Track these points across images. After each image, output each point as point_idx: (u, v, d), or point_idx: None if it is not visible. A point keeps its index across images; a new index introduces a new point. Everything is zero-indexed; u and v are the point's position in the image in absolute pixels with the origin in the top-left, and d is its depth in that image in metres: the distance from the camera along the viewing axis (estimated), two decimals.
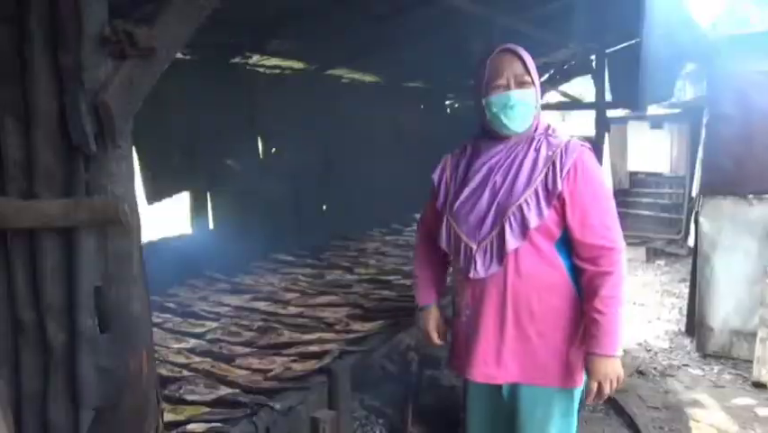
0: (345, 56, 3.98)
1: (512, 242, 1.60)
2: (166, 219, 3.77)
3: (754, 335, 4.06)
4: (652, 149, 7.93)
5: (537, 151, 1.63)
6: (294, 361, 1.94)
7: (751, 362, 3.98)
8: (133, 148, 2.84)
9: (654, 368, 4.16)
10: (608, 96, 4.97)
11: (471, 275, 1.65)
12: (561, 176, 1.57)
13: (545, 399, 1.69)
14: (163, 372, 1.84)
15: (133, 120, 2.84)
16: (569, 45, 4.50)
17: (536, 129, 1.68)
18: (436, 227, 1.79)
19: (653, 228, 7.98)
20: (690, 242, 5.04)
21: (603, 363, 1.58)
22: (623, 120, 7.87)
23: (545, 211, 1.58)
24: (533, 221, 1.58)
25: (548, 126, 1.69)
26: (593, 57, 4.75)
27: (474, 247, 1.65)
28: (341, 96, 4.34)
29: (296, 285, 2.90)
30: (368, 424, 3.19)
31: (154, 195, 2.91)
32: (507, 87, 1.62)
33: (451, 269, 1.87)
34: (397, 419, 3.26)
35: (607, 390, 1.60)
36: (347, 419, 1.93)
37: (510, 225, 1.60)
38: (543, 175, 1.60)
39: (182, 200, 3.19)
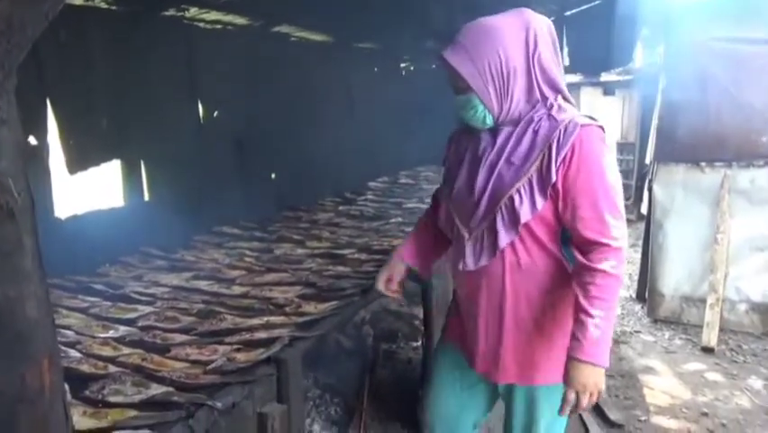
0: (292, 12, 3.68)
1: (504, 236, 1.45)
2: (93, 190, 3.43)
3: (703, 300, 4.14)
4: (604, 115, 7.97)
5: (536, 132, 1.44)
6: (238, 350, 1.74)
7: (700, 327, 4.06)
8: (50, 111, 2.54)
9: None
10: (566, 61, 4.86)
11: (460, 267, 1.52)
12: (555, 163, 1.38)
13: (541, 396, 1.57)
14: (84, 368, 1.61)
15: (51, 79, 2.52)
16: (529, 6, 4.32)
17: (535, 108, 1.46)
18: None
19: None
20: (643, 208, 5.07)
21: (584, 371, 1.39)
22: (576, 86, 7.86)
23: (540, 202, 1.41)
24: (524, 215, 1.42)
25: (553, 104, 1.46)
26: (552, 19, 4.60)
27: (466, 236, 1.52)
28: (289, 55, 4.04)
29: (241, 261, 2.68)
30: (322, 404, 3.05)
31: (77, 164, 2.59)
32: (455, 92, 1.50)
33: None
34: (353, 397, 3.14)
35: (585, 402, 1.40)
36: (298, 412, 1.76)
37: (502, 217, 1.45)
38: (538, 161, 1.41)
39: (112, 169, 2.87)
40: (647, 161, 5.19)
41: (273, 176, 3.99)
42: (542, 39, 1.44)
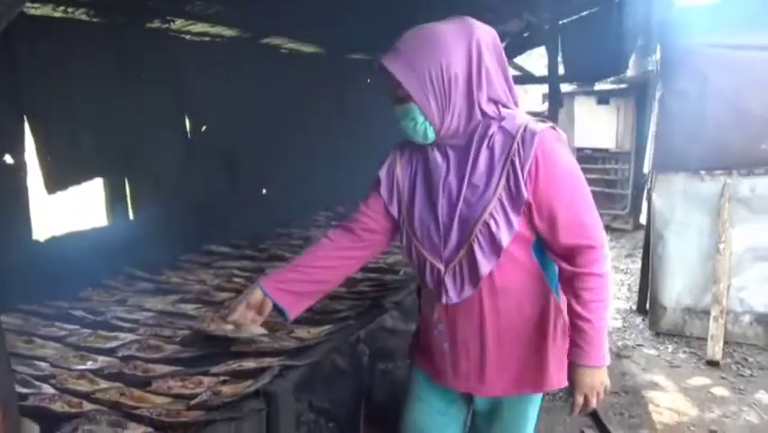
0: (282, 23, 3.59)
1: (485, 265, 1.38)
2: (75, 210, 3.30)
3: (706, 312, 4.05)
4: (598, 124, 7.92)
5: (491, 149, 1.36)
6: (224, 382, 1.62)
7: (703, 339, 3.97)
8: (27, 128, 2.43)
9: (610, 349, 4.08)
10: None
11: (444, 301, 1.44)
12: (523, 178, 1.32)
13: (525, 405, 1.59)
14: (57, 406, 1.48)
15: (29, 95, 2.42)
16: (522, 15, 4.26)
17: (480, 124, 1.38)
18: (385, 234, 1.60)
19: (599, 204, 7.90)
20: (642, 219, 5.00)
21: (591, 374, 1.41)
22: (570, 95, 7.80)
23: (516, 223, 1.35)
24: (504, 239, 1.35)
25: (500, 115, 1.39)
26: (547, 27, 4.54)
27: (442, 269, 1.43)
28: (279, 67, 3.95)
29: (230, 283, 2.56)
30: (316, 430, 2.93)
31: (56, 183, 2.48)
32: (394, 102, 1.41)
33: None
34: (349, 421, 3.02)
35: (593, 403, 1.44)
36: None
37: (480, 245, 1.37)
38: (504, 179, 1.34)
39: (94, 188, 2.76)
40: (645, 170, 5.11)
41: (264, 191, 3.88)
42: (486, 49, 1.36)
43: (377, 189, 1.58)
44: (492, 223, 1.35)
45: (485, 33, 1.38)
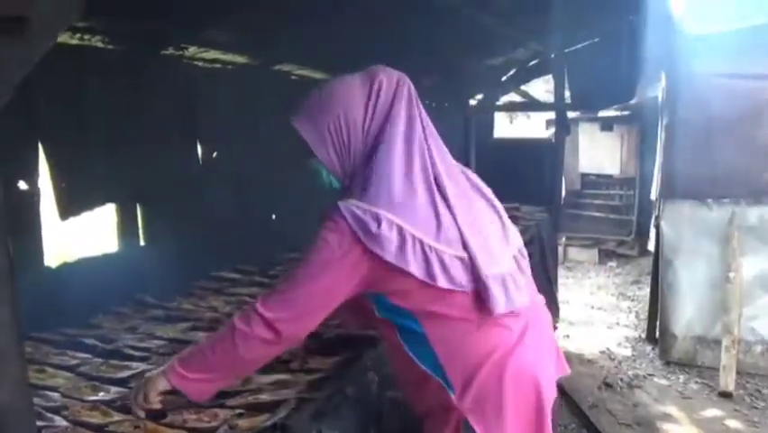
0: (293, 50, 3.63)
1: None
2: (87, 236, 3.29)
3: (717, 342, 4.01)
4: (602, 150, 7.97)
5: None
6: (240, 415, 1.59)
7: (715, 369, 3.92)
8: (41, 154, 2.43)
9: (621, 379, 4.04)
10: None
11: None
12: None
13: None
14: None
15: (43, 121, 2.42)
16: (529, 45, 4.31)
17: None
18: None
19: (604, 229, 8.03)
20: (648, 245, 4.98)
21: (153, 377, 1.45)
22: (574, 121, 7.87)
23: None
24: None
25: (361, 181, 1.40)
26: (553, 56, 4.58)
27: None
28: (290, 94, 3.96)
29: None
30: None
31: (69, 210, 2.47)
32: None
33: None
34: None
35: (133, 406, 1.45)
36: None
37: None
38: None
39: (106, 214, 2.75)
40: (652, 196, 5.12)
41: (274, 216, 3.88)
42: (384, 92, 1.37)
43: None
44: None
45: (389, 77, 1.39)
